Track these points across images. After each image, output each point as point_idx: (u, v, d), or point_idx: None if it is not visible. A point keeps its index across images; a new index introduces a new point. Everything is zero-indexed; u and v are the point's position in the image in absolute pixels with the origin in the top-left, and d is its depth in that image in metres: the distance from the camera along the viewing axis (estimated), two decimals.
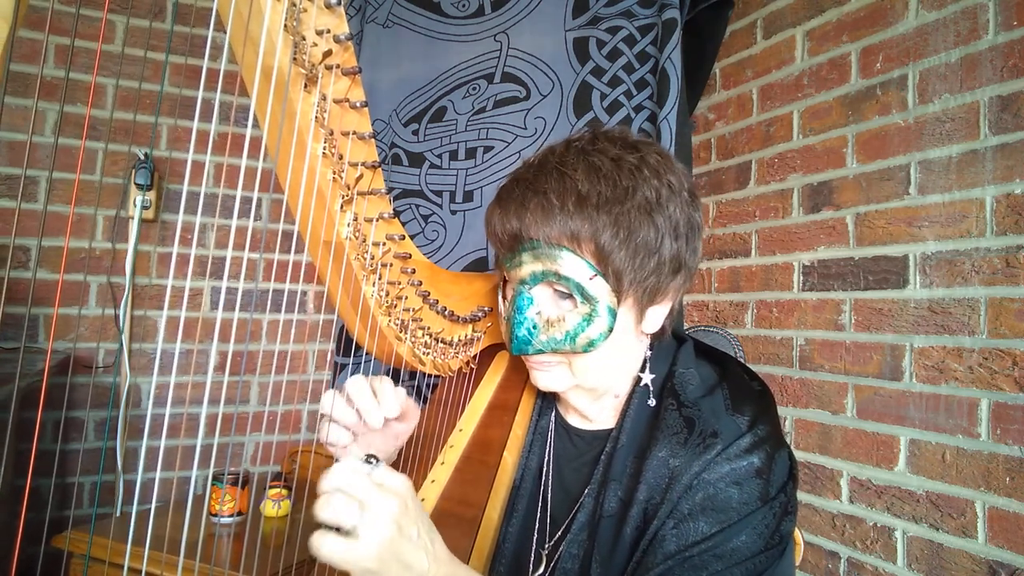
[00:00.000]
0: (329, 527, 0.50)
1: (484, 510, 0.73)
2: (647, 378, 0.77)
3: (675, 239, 0.70)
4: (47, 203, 1.74)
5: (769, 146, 1.62)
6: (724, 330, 1.11)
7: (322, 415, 0.71)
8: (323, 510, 0.50)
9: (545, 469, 0.81)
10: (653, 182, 0.69)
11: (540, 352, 0.73)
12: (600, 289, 0.69)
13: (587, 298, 0.69)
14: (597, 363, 0.73)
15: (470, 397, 0.89)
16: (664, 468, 0.68)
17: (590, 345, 0.70)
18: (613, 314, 0.70)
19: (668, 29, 1.50)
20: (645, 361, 0.78)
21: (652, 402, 0.75)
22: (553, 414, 0.85)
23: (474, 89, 1.77)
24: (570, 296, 0.70)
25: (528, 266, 0.71)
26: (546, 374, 0.76)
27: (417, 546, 0.53)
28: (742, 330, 1.66)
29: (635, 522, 0.67)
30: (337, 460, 0.85)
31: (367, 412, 0.69)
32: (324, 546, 0.49)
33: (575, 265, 0.68)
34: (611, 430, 0.77)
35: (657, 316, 0.74)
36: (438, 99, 1.82)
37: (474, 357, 0.92)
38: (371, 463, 0.54)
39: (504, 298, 0.78)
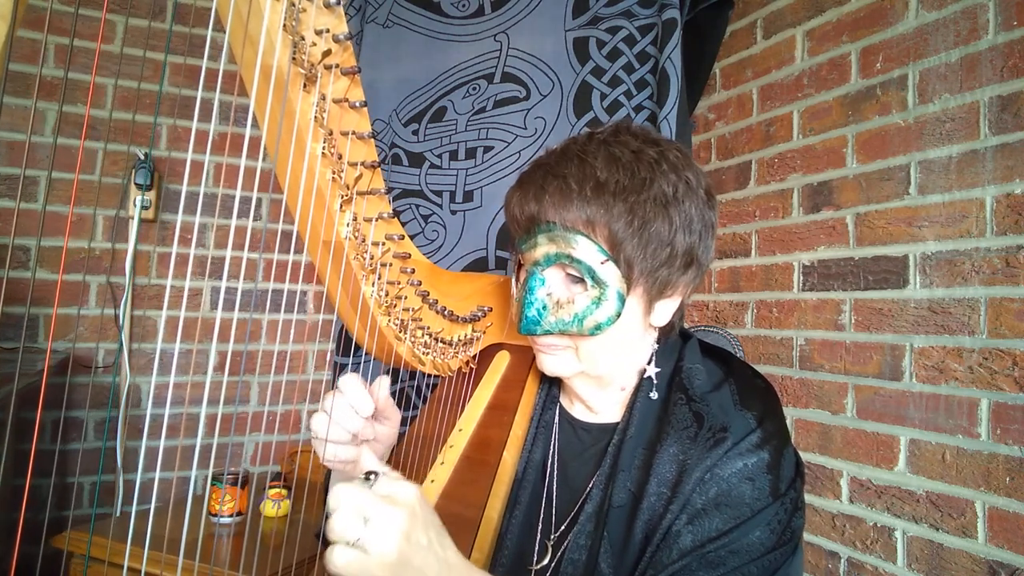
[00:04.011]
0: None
1: (484, 510, 0.73)
2: (651, 371, 0.77)
3: (688, 235, 0.71)
4: (45, 203, 1.74)
5: (769, 146, 1.62)
6: (724, 330, 1.10)
7: (315, 437, 0.70)
8: (330, 531, 0.49)
9: (549, 462, 0.81)
10: (671, 176, 0.70)
11: (548, 333, 0.73)
12: (611, 274, 0.69)
13: (597, 282, 0.70)
14: (603, 349, 0.74)
15: (470, 397, 0.89)
16: (674, 462, 0.68)
17: (597, 328, 0.71)
18: (622, 299, 0.70)
19: (668, 29, 1.50)
20: (652, 355, 0.78)
21: (655, 395, 0.76)
22: (557, 408, 0.85)
23: (474, 89, 1.77)
24: (581, 280, 0.71)
25: (543, 248, 0.72)
26: (552, 358, 0.76)
27: (428, 553, 0.53)
28: (742, 330, 1.65)
29: (646, 515, 0.67)
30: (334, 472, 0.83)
31: (343, 412, 0.69)
32: (335, 559, 0.49)
33: (588, 249, 0.69)
34: (617, 423, 0.77)
35: (666, 310, 0.75)
36: (438, 99, 1.81)
37: (474, 357, 0.92)
38: (370, 479, 0.54)
39: (518, 281, 0.78)
